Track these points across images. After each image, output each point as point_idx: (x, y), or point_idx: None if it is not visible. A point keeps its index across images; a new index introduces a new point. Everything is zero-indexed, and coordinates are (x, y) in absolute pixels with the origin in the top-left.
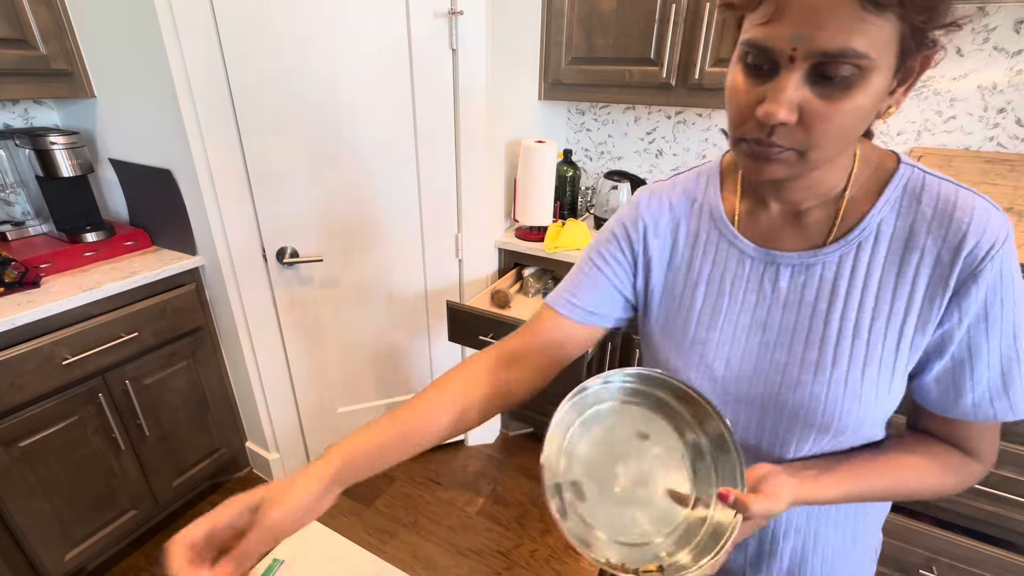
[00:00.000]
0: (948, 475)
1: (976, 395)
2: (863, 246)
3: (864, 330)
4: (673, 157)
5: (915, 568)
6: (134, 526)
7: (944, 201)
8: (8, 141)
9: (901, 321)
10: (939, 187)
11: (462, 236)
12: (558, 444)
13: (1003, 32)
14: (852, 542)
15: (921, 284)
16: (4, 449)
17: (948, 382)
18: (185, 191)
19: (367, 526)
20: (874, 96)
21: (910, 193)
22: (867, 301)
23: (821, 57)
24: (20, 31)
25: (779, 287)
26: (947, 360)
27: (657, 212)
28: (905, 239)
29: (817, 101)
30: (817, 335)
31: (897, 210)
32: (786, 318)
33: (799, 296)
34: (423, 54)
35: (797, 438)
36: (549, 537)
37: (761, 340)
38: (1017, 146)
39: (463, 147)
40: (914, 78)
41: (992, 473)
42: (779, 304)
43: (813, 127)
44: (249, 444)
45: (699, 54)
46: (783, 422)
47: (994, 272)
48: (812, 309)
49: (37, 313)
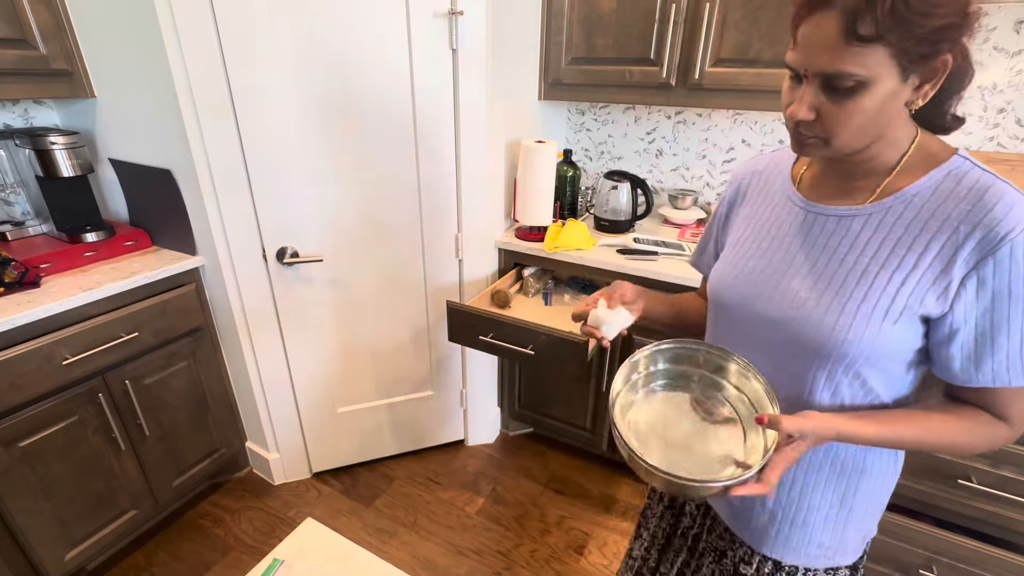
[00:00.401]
0: (974, 432)
1: (996, 363)
2: (894, 209)
3: (871, 275)
4: (673, 157)
5: (915, 568)
6: (134, 526)
7: (981, 185)
8: (8, 141)
9: (907, 273)
10: (981, 176)
11: (462, 236)
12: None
13: (1003, 32)
14: (839, 506)
15: (935, 246)
16: (4, 449)
17: (971, 350)
18: (185, 191)
19: (367, 526)
20: (881, 98)
21: (953, 176)
22: (881, 252)
23: (823, 76)
24: (20, 31)
25: (813, 232)
26: (971, 329)
27: (749, 175)
28: (934, 209)
29: (829, 104)
30: (831, 272)
31: (935, 187)
32: (811, 257)
33: (826, 241)
34: (423, 54)
35: (813, 368)
36: (549, 537)
37: (786, 272)
38: (1017, 146)
39: (463, 147)
40: (941, 75)
41: (992, 473)
42: (809, 245)
43: (827, 122)
44: (249, 444)
45: (699, 54)
46: (796, 349)
47: (1015, 253)
48: (834, 252)
49: (37, 313)
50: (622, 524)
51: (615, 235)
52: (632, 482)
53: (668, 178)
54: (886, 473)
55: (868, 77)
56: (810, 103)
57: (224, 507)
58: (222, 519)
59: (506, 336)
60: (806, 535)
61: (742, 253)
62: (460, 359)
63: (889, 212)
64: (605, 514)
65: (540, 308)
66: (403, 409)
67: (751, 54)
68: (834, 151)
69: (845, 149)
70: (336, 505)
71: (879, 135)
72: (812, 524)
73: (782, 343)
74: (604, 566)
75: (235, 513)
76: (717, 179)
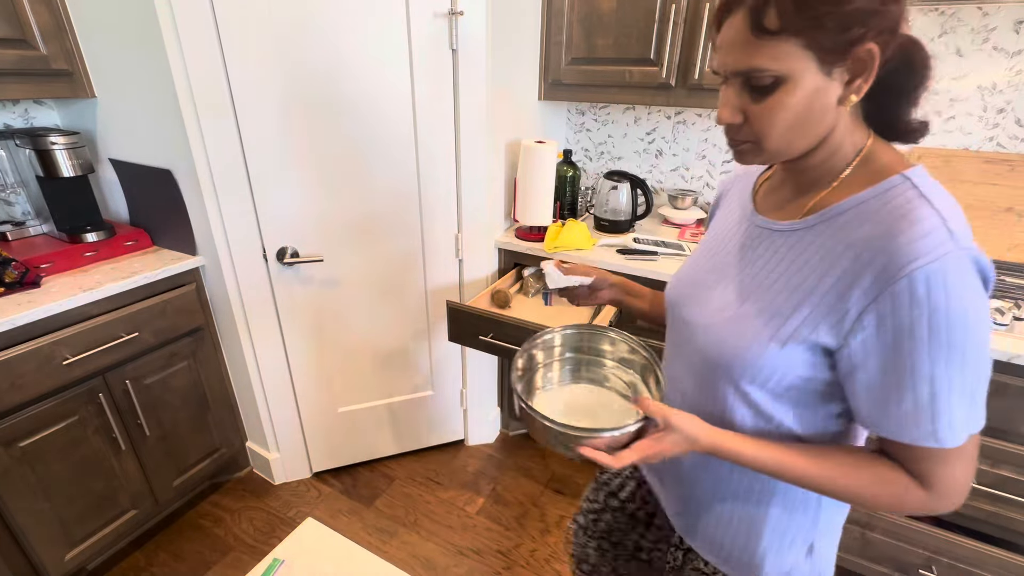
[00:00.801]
0: (881, 487)
1: (901, 413)
2: (817, 228)
3: (774, 293)
4: (673, 157)
5: (915, 568)
6: (134, 526)
7: (901, 209)
8: (8, 141)
9: (804, 296)
10: (911, 199)
11: (462, 236)
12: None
13: (1002, 32)
14: (739, 499)
15: (836, 272)
16: (4, 449)
17: (876, 393)
18: (185, 191)
19: (367, 526)
20: (805, 95)
21: (883, 197)
22: (791, 271)
23: (739, 75)
24: (20, 31)
25: (750, 244)
26: (875, 369)
27: (732, 180)
28: (849, 231)
29: (752, 105)
30: (749, 287)
31: (861, 207)
32: (740, 269)
33: (756, 255)
34: (423, 54)
35: (721, 383)
36: (549, 537)
37: (718, 282)
38: (1017, 146)
39: (463, 147)
40: (871, 68)
41: (991, 473)
42: (742, 257)
43: (754, 124)
44: (249, 444)
45: (699, 54)
46: (705, 359)
47: (915, 288)
48: (761, 268)
49: (37, 313)
50: None
51: (615, 235)
52: None
53: (668, 178)
54: (807, 507)
55: (784, 72)
56: (734, 105)
57: (224, 507)
58: (222, 519)
59: (506, 336)
60: (716, 539)
61: (695, 258)
62: (460, 359)
63: (811, 230)
64: None
65: (540, 308)
66: (403, 409)
67: None
68: (769, 156)
69: (781, 154)
70: (336, 505)
71: (817, 138)
72: (723, 534)
73: (697, 351)
74: None
75: (235, 513)
76: (717, 179)
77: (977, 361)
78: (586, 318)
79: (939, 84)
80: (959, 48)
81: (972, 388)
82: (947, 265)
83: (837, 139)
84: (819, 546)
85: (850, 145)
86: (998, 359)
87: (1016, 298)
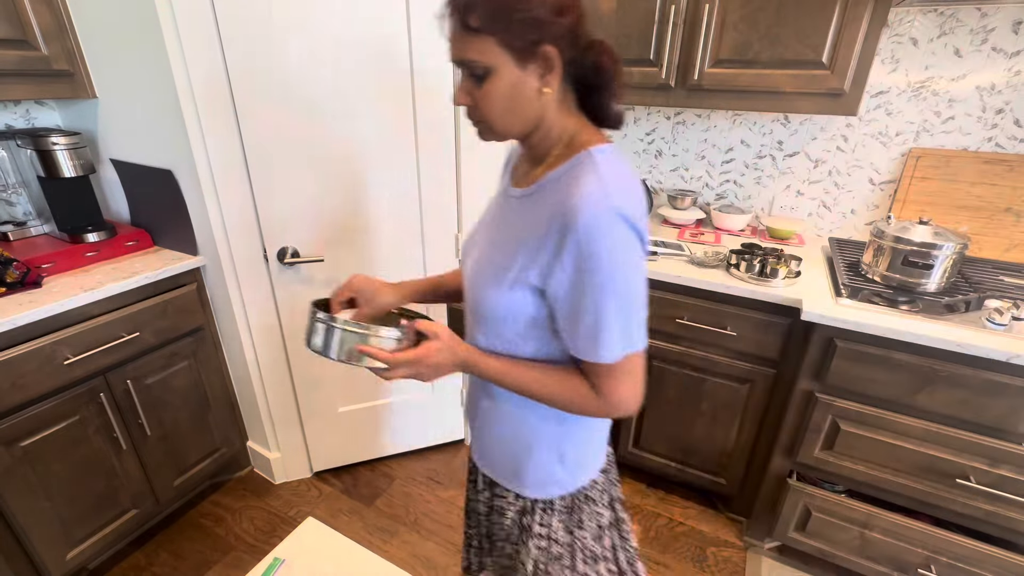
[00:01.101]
0: (572, 394)
1: (581, 338)
2: (534, 195)
3: (508, 248)
4: (672, 157)
5: (914, 567)
6: (135, 525)
7: (577, 178)
8: (10, 141)
9: (521, 247)
10: (586, 170)
11: (462, 236)
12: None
13: (1001, 33)
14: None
15: (540, 228)
16: (5, 448)
17: (566, 323)
18: (186, 191)
19: (368, 525)
20: (508, 84)
21: (571, 169)
22: (520, 230)
23: (461, 64)
24: (21, 32)
25: (503, 209)
26: (566, 305)
27: (510, 154)
28: (549, 196)
29: (476, 91)
30: (495, 244)
31: (559, 177)
32: (494, 230)
33: (504, 218)
34: (423, 54)
35: (481, 326)
36: None
37: (481, 241)
38: (1015, 146)
39: (463, 147)
40: (555, 66)
41: (991, 473)
42: (498, 220)
43: (480, 107)
44: (250, 443)
45: (698, 55)
46: (470, 305)
47: (579, 237)
48: (500, 223)
49: (39, 313)
50: None
51: None
52: (631, 481)
53: (667, 178)
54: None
55: (489, 64)
56: (464, 89)
57: (225, 506)
58: (223, 518)
59: None
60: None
61: (480, 217)
62: None
63: (530, 197)
64: None
65: None
66: (403, 408)
67: (750, 55)
68: (499, 135)
69: (507, 133)
70: (337, 504)
71: (529, 122)
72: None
73: (468, 297)
74: None
75: (236, 512)
76: (716, 179)
77: (627, 292)
78: None
79: (938, 85)
80: (958, 49)
81: (626, 314)
82: (599, 218)
83: (548, 123)
84: (570, 455)
85: (560, 129)
86: (996, 359)
87: (1015, 298)
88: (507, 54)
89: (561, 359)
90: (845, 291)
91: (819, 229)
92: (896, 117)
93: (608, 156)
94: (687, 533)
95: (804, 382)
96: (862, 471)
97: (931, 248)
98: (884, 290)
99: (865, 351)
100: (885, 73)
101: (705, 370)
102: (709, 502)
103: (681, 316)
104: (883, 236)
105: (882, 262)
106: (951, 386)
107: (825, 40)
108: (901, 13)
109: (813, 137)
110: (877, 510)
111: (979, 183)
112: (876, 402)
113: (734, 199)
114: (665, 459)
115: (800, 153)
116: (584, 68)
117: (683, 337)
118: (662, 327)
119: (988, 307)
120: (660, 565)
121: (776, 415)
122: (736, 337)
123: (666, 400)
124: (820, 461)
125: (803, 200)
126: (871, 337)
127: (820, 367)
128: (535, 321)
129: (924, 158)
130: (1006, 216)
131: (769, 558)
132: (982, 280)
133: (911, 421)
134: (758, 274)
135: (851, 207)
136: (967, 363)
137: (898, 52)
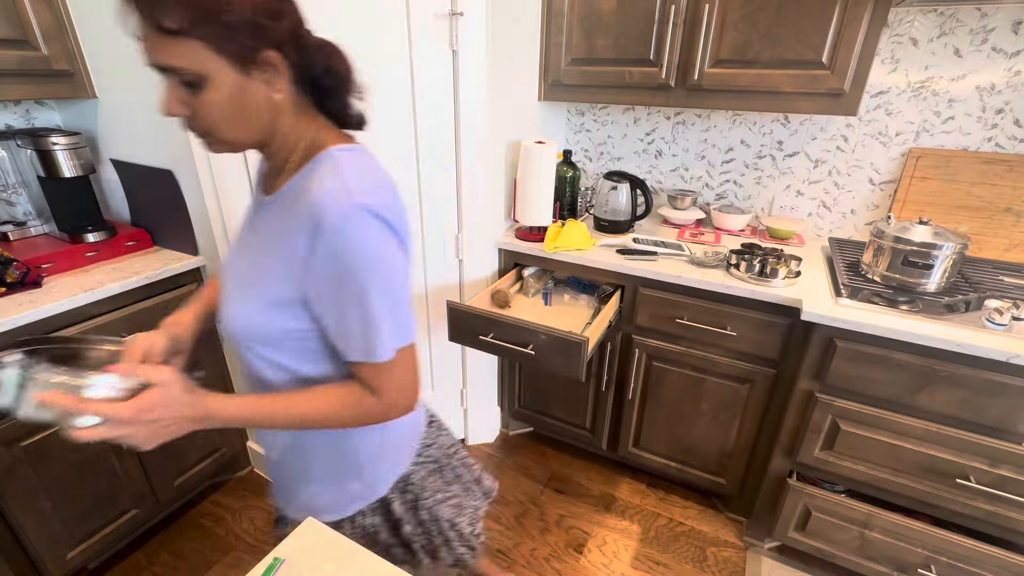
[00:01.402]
0: (341, 405)
1: (349, 338)
2: (279, 203)
3: (255, 257)
4: (672, 158)
5: (914, 567)
6: (135, 525)
7: (319, 178)
8: (10, 141)
9: (273, 258)
10: (326, 169)
11: (462, 236)
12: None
13: (1001, 33)
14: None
15: (290, 236)
16: (6, 448)
17: (333, 329)
18: (186, 191)
19: None
20: (229, 91)
21: (313, 171)
22: (264, 241)
23: (163, 70)
24: (21, 31)
25: (254, 218)
26: (332, 311)
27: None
28: (294, 201)
29: (191, 99)
30: (240, 256)
31: (303, 181)
32: (245, 240)
33: (254, 228)
34: (423, 55)
35: (241, 350)
36: (549, 536)
37: (232, 252)
38: (1015, 146)
39: (463, 148)
40: (281, 71)
41: (991, 473)
42: (248, 230)
43: (197, 117)
44: (250, 443)
45: (698, 55)
46: (228, 333)
47: (327, 239)
48: (249, 240)
49: (39, 313)
50: (622, 523)
51: (615, 235)
52: (632, 481)
53: (667, 179)
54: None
55: (201, 72)
56: (176, 97)
57: (225, 506)
58: (223, 518)
59: (506, 336)
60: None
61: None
62: (460, 359)
63: (275, 205)
64: (605, 513)
65: (540, 308)
66: None
67: (750, 55)
68: (231, 146)
69: (238, 144)
70: None
71: (262, 130)
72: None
73: (222, 323)
74: (604, 565)
75: (236, 512)
76: (716, 179)
77: (389, 288)
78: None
79: (938, 85)
80: (958, 49)
81: (393, 309)
82: (347, 217)
83: (284, 130)
84: (368, 469)
85: (297, 134)
86: (996, 359)
87: (1015, 298)
88: (222, 60)
89: (338, 376)
90: (845, 291)
91: (819, 229)
92: (896, 117)
93: (350, 154)
94: (687, 533)
95: (804, 382)
96: (862, 471)
97: (931, 248)
98: (884, 290)
99: (865, 351)
100: (885, 73)
101: (705, 370)
102: (709, 502)
103: (681, 316)
104: (883, 236)
105: (882, 262)
106: (951, 386)
107: (825, 40)
108: (901, 13)
109: (813, 137)
110: (877, 510)
111: (979, 183)
112: (876, 402)
113: (734, 199)
114: (665, 459)
115: (800, 153)
116: (316, 71)
117: (683, 337)
118: (662, 327)
119: (988, 307)
120: (660, 565)
121: (776, 415)
122: (736, 337)
123: (666, 400)
124: (820, 461)
125: (803, 200)
126: (871, 337)
127: (820, 367)
128: (303, 337)
129: (924, 158)
130: (1006, 216)
131: (769, 558)
132: (982, 280)
133: (911, 421)
134: (758, 274)
135: (851, 207)
136: (967, 363)
137: (898, 52)
